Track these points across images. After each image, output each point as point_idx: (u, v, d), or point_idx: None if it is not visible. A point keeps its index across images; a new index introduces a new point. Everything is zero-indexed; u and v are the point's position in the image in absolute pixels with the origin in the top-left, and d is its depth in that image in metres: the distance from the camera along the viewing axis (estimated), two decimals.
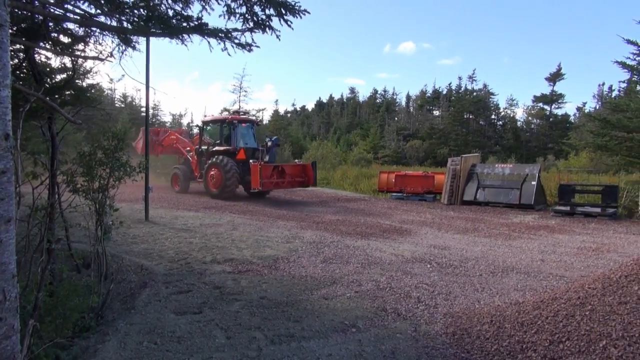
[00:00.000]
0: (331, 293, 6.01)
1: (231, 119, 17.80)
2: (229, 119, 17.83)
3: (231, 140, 17.54)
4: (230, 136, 17.62)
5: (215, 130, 18.97)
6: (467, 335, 4.46)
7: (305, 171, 17.79)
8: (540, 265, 7.85)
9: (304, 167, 18.00)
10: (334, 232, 10.64)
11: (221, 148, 17.43)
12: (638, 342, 3.41)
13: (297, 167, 18.12)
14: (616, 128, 14.78)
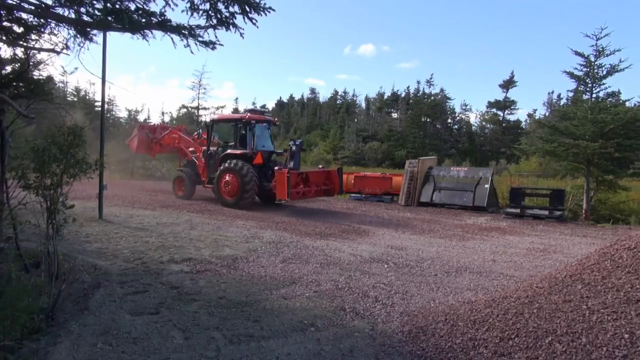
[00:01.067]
0: (290, 293, 6.04)
1: (248, 118, 15.36)
2: (245, 118, 15.39)
3: (247, 141, 15.28)
4: (246, 137, 15.35)
5: (227, 130, 17.02)
6: (422, 333, 4.60)
7: (330, 178, 15.77)
8: (492, 265, 8.15)
9: (329, 174, 15.97)
10: (293, 232, 10.67)
11: (237, 152, 15.21)
12: (581, 337, 3.62)
13: (321, 173, 16.04)
14: (564, 135, 15.50)
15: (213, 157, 16.21)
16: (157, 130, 19.60)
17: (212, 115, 17.59)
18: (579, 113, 15.25)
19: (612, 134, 14.46)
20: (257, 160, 14.81)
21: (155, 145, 19.04)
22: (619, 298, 3.85)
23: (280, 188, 13.70)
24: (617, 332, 3.53)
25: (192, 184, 16.82)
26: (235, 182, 14.54)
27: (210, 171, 16.14)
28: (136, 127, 19.53)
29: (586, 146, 14.29)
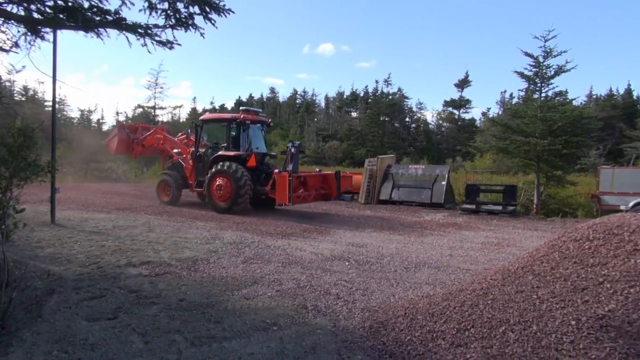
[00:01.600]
0: (252, 293, 6.03)
1: (243, 118, 14.46)
2: (239, 118, 14.45)
3: (240, 143, 14.44)
4: (240, 138, 14.48)
5: (218, 131, 16.00)
6: (383, 328, 4.69)
7: (327, 182, 15.05)
8: (449, 260, 8.39)
9: (325, 177, 15.27)
10: (255, 232, 10.63)
11: (230, 153, 14.23)
12: (532, 326, 3.80)
13: (317, 177, 15.20)
14: (515, 133, 16.12)
15: (202, 159, 15.20)
16: (138, 130, 18.43)
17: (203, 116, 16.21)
18: (529, 111, 15.90)
19: (560, 132, 15.14)
20: (250, 163, 14.01)
21: (136, 146, 17.76)
22: (567, 287, 4.06)
23: (281, 192, 13.03)
24: (564, 319, 3.72)
25: (178, 188, 15.72)
26: (228, 185, 13.70)
27: (199, 174, 15.13)
28: (116, 127, 18.22)
29: (536, 143, 14.91)
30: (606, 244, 4.35)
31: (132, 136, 17.85)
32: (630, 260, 4.07)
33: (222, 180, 13.80)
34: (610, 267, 4.08)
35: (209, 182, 14.06)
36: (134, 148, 17.82)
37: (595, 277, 4.04)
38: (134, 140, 17.74)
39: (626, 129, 38.89)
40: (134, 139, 17.78)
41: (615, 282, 3.89)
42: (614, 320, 3.55)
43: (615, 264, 4.09)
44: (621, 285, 3.84)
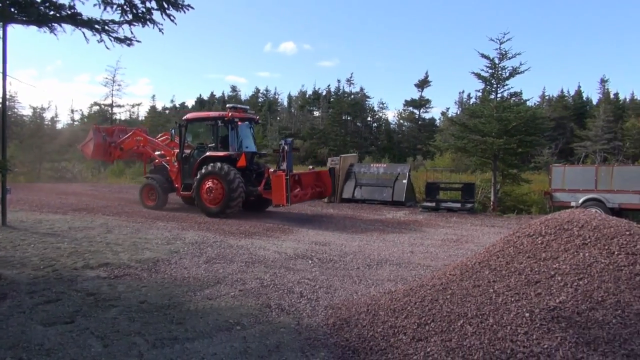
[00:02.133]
0: (215, 293, 5.98)
1: (231, 116, 13.62)
2: (227, 116, 13.61)
3: (230, 142, 13.61)
4: (228, 137, 13.67)
5: (204, 130, 15.27)
6: (346, 324, 4.76)
7: (321, 179, 14.55)
8: (410, 257, 8.56)
9: (319, 175, 14.77)
10: (217, 232, 10.52)
11: (219, 153, 13.44)
12: (488, 318, 3.94)
13: (311, 174, 14.67)
14: (473, 132, 16.59)
15: (188, 161, 14.31)
16: (115, 133, 17.37)
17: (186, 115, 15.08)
18: (485, 111, 16.39)
19: (515, 131, 15.68)
20: (240, 163, 13.25)
21: (114, 150, 16.69)
22: (521, 281, 4.23)
23: (278, 192, 12.38)
24: (519, 311, 3.88)
25: (164, 192, 14.78)
26: (219, 187, 12.93)
27: (186, 177, 14.25)
28: (91, 130, 16.96)
29: (493, 142, 15.39)
30: (557, 239, 4.56)
31: (109, 139, 16.83)
32: (579, 254, 4.28)
33: (212, 183, 13.04)
34: (561, 260, 4.28)
35: (198, 185, 13.23)
36: (112, 152, 16.82)
37: (547, 270, 4.22)
38: (111, 144, 16.72)
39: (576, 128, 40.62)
40: (111, 143, 16.76)
41: (565, 275, 4.09)
42: (564, 311, 3.73)
43: (565, 258, 4.29)
44: (571, 278, 4.03)
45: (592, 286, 3.89)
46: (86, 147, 17.02)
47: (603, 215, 4.91)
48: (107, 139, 16.80)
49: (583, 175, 13.17)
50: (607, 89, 51.80)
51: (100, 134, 16.77)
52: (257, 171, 14.24)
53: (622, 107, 47.12)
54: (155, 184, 14.72)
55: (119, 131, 17.64)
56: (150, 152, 15.98)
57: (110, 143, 16.75)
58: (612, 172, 12.61)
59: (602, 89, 52.33)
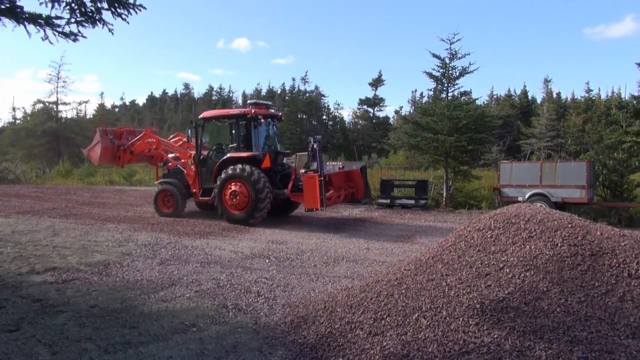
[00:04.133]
0: (170, 295, 5.86)
1: (254, 113, 12.48)
2: (250, 113, 12.46)
3: (252, 141, 12.46)
4: (251, 136, 12.53)
5: (223, 129, 13.99)
6: (304, 322, 4.78)
7: (352, 179, 13.34)
8: (366, 253, 8.68)
9: (350, 174, 13.45)
10: (171, 233, 10.30)
11: (243, 154, 12.29)
12: (442, 311, 4.05)
13: (341, 174, 13.23)
14: (425, 130, 16.98)
15: (207, 163, 13.12)
16: (123, 135, 15.96)
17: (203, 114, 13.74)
18: (437, 110, 16.81)
19: (465, 129, 16.17)
20: (265, 164, 12.15)
21: (123, 154, 15.27)
22: (472, 273, 4.37)
23: (311, 195, 11.25)
24: (470, 303, 4.01)
25: (182, 198, 13.44)
26: (245, 191, 11.83)
27: (204, 181, 13.05)
28: (97, 133, 15.51)
29: (444, 140, 15.81)
30: (505, 233, 4.75)
31: (117, 142, 15.48)
32: (526, 247, 4.47)
33: (236, 186, 11.92)
34: (509, 253, 4.46)
35: (220, 189, 12.10)
36: (121, 156, 15.42)
37: (496, 263, 4.39)
38: (119, 147, 15.36)
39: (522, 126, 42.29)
40: (120, 146, 15.40)
41: (513, 267, 4.26)
42: (512, 302, 3.89)
43: (513, 251, 4.47)
44: (518, 270, 4.21)
45: (538, 277, 4.07)
46: (92, 151, 15.57)
47: (547, 209, 5.15)
48: (115, 142, 15.39)
49: (529, 171, 13.73)
50: (550, 89, 54.26)
51: (108, 137, 15.37)
52: (282, 172, 13.20)
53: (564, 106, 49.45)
54: (174, 190, 13.38)
55: (127, 133, 16.23)
56: (164, 155, 14.68)
57: (118, 146, 15.35)
58: (555, 168, 13.22)
59: (546, 88, 54.79)
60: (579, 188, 12.62)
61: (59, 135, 34.90)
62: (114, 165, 16.81)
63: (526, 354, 3.40)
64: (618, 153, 14.63)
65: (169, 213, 13.29)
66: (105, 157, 15.27)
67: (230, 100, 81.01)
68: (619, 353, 3.33)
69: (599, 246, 4.28)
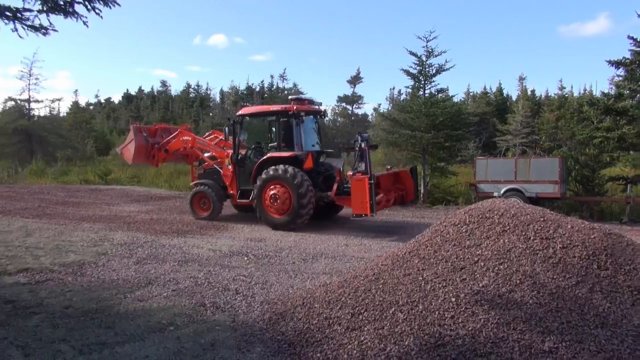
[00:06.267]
0: (146, 294, 5.79)
1: (296, 110, 11.64)
2: (292, 109, 11.61)
3: (294, 140, 11.66)
4: (292, 135, 11.70)
5: (262, 128, 13.25)
6: (282, 318, 4.78)
7: (401, 181, 12.41)
8: (345, 250, 8.72)
9: (398, 176, 12.57)
10: (148, 232, 10.17)
11: (284, 154, 11.46)
12: (418, 305, 4.11)
13: (389, 176, 12.33)
14: (403, 127, 17.11)
15: (245, 163, 12.30)
16: (157, 133, 15.23)
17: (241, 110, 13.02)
18: (414, 107, 16.96)
19: (442, 126, 16.34)
20: (307, 165, 11.24)
21: (159, 152, 14.61)
22: (447, 267, 4.44)
23: (360, 200, 10.28)
24: (446, 297, 4.08)
25: (219, 200, 12.62)
26: (286, 194, 11.03)
27: (242, 182, 12.25)
28: (131, 130, 14.83)
29: (422, 137, 15.97)
30: (480, 227, 4.83)
31: (152, 140, 14.77)
32: (500, 240, 4.56)
33: (277, 189, 11.13)
34: (484, 247, 4.54)
35: (259, 191, 11.30)
36: (156, 155, 14.70)
37: (471, 257, 4.47)
38: (154, 146, 14.63)
39: (498, 123, 42.97)
40: (154, 144, 14.66)
41: (487, 261, 4.34)
42: (487, 294, 3.97)
43: (487, 244, 4.56)
44: (492, 263, 4.30)
45: (511, 270, 4.16)
46: (126, 150, 14.83)
47: (520, 204, 5.26)
48: (150, 140, 14.71)
49: (504, 167, 13.95)
50: (524, 86, 55.19)
51: (142, 135, 14.68)
52: (325, 173, 12.28)
53: (539, 103, 50.40)
54: (209, 191, 12.55)
55: (162, 130, 15.53)
56: (199, 154, 13.90)
57: (153, 144, 14.64)
58: (529, 164, 13.47)
59: (521, 86, 55.69)
60: (552, 183, 12.89)
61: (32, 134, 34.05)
62: (148, 165, 16.11)
63: (500, 345, 3.48)
64: (589, 149, 14.98)
65: (206, 216, 12.48)
66: (140, 155, 14.60)
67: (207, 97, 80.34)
68: (589, 342, 3.43)
69: (570, 239, 4.39)
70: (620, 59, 13.58)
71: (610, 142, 13.89)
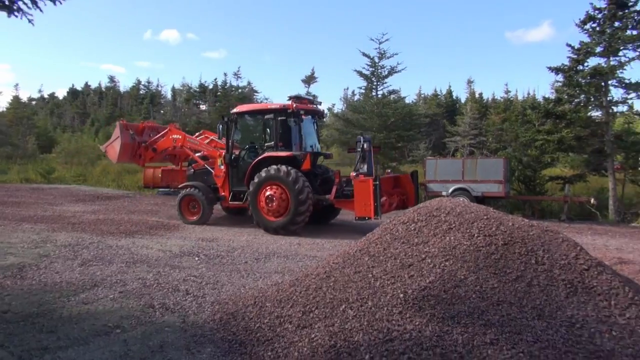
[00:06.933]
0: (92, 297, 5.60)
1: (296, 108, 11.19)
2: (292, 108, 11.13)
3: (292, 140, 11.30)
4: (291, 134, 11.33)
5: (258, 127, 12.65)
6: (233, 318, 4.76)
7: (401, 185, 12.01)
8: (297, 249, 8.76)
9: (398, 180, 12.16)
10: (94, 233, 9.82)
11: (282, 154, 11.01)
12: (367, 302, 4.19)
13: (388, 180, 11.86)
14: (355, 127, 17.38)
15: (238, 163, 11.83)
16: (144, 131, 14.61)
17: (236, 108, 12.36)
18: (367, 108, 17.28)
19: (394, 127, 16.73)
20: (305, 166, 10.84)
21: (145, 151, 13.96)
22: (396, 265, 4.56)
23: (364, 202, 10.00)
24: (394, 293, 4.18)
25: (209, 203, 11.98)
26: (283, 196, 10.56)
27: (236, 183, 11.74)
28: (117, 127, 14.06)
29: (374, 137, 16.24)
30: (428, 225, 4.98)
31: (138, 138, 14.14)
32: (446, 238, 4.72)
33: (273, 190, 10.64)
34: (431, 244, 4.68)
35: (254, 192, 10.83)
36: (142, 154, 14.05)
37: (419, 254, 4.60)
38: (141, 144, 14.03)
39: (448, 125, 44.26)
40: (141, 142, 14.07)
41: (434, 257, 4.48)
42: (433, 290, 4.10)
43: (434, 242, 4.71)
44: (439, 260, 4.44)
45: (456, 266, 4.32)
46: (111, 148, 14.10)
47: (466, 202, 5.46)
48: (137, 138, 14.07)
49: (452, 167, 14.44)
50: (472, 89, 57.18)
51: (128, 132, 14.01)
52: (322, 176, 12.01)
53: (486, 105, 52.29)
54: (198, 194, 11.93)
55: (149, 129, 14.94)
56: (190, 154, 13.36)
57: (140, 143, 14.03)
58: (476, 164, 14.00)
59: (469, 89, 57.67)
60: (497, 183, 13.44)
61: None
62: (135, 164, 15.39)
63: (444, 338, 3.60)
64: (531, 150, 15.73)
65: (195, 220, 11.89)
66: (125, 154, 13.96)
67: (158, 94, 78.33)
68: (527, 333, 3.61)
69: (511, 236, 4.60)
70: (559, 66, 14.33)
71: (550, 144, 14.64)
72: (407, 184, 11.88)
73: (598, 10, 13.80)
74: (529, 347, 3.43)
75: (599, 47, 13.90)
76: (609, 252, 8.72)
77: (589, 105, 14.76)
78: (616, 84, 13.86)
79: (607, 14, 13.66)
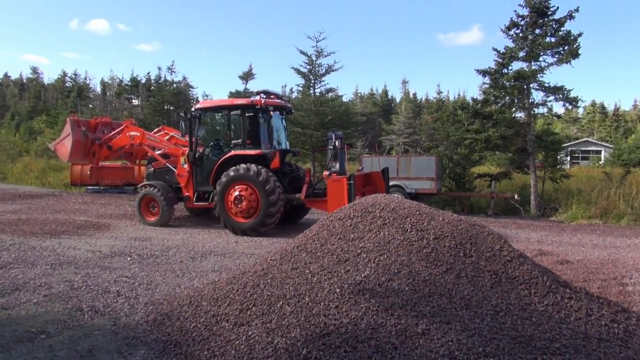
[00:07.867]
0: (13, 301, 5.26)
1: (265, 104, 10.67)
2: (260, 104, 10.57)
3: (260, 137, 10.73)
4: (259, 131, 10.75)
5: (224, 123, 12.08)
6: (167, 319, 4.64)
7: (372, 182, 11.60)
8: (235, 247, 8.68)
9: (369, 177, 11.76)
10: (15, 233, 9.21)
11: (250, 152, 10.50)
12: (305, 297, 4.24)
13: (359, 177, 11.27)
14: (293, 124, 17.41)
15: (203, 162, 11.18)
16: (98, 128, 13.50)
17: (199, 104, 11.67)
18: (305, 105, 17.36)
19: (331, 125, 16.91)
20: (274, 164, 10.45)
21: (99, 149, 13.03)
22: (333, 260, 4.64)
23: (337, 201, 9.53)
24: (331, 288, 4.25)
25: (168, 204, 11.25)
26: (253, 197, 10.10)
27: (200, 183, 11.15)
28: (67, 124, 12.88)
29: (311, 135, 16.38)
30: (363, 221, 5.11)
31: (91, 136, 13.08)
32: (381, 233, 4.86)
33: (242, 190, 10.16)
34: (366, 240, 4.80)
35: (221, 193, 10.29)
36: (96, 152, 13.06)
37: (354, 249, 4.71)
38: (94, 141, 13.01)
39: (384, 123, 45.40)
40: (95, 140, 13.02)
41: (369, 252, 4.61)
42: (368, 284, 4.21)
43: (369, 237, 4.83)
44: (374, 255, 4.56)
45: (390, 260, 4.46)
46: (61, 146, 13.10)
47: (400, 199, 5.65)
48: (89, 135, 13.06)
49: (387, 164, 14.83)
50: (407, 89, 59.01)
51: (80, 129, 12.96)
52: (291, 174, 11.69)
53: (420, 105, 54.15)
54: (158, 194, 11.24)
55: (103, 125, 13.84)
56: (150, 152, 12.63)
57: (93, 140, 13.03)
58: (409, 162, 14.47)
59: (404, 89, 59.44)
60: (429, 180, 13.98)
61: None
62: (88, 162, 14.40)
63: (379, 330, 3.72)
64: (461, 149, 16.48)
65: (155, 221, 11.26)
66: (77, 152, 13.04)
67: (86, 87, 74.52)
68: (455, 323, 3.80)
69: (441, 230, 4.82)
70: (486, 69, 15.10)
71: (478, 143, 15.39)
72: (378, 180, 11.70)
73: (521, 17, 14.67)
74: (457, 336, 3.60)
75: (521, 52, 14.80)
76: (531, 244, 9.33)
77: (513, 107, 15.66)
78: (537, 87, 14.82)
79: (528, 21, 14.56)
